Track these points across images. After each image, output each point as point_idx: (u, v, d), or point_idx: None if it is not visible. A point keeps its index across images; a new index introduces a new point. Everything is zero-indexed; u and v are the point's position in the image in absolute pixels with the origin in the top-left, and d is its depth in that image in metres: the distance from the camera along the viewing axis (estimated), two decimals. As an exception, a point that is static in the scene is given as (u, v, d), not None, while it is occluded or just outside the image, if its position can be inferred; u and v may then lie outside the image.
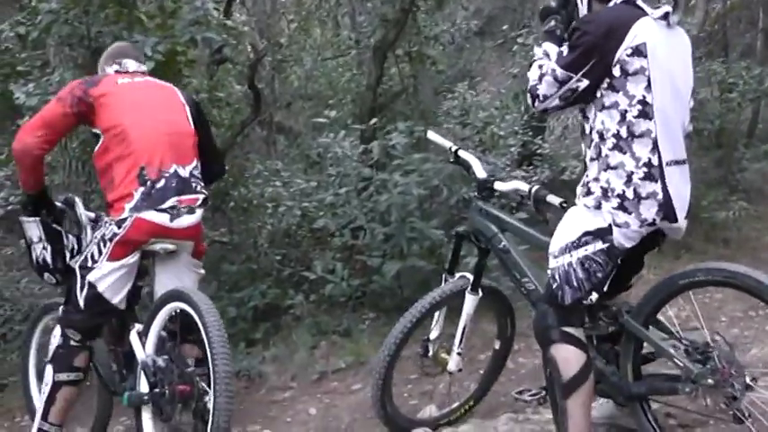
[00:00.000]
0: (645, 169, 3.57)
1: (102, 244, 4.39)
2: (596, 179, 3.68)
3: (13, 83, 6.61)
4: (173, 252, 4.52)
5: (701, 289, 4.06)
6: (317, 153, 8.86)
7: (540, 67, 3.74)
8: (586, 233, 3.69)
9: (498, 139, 9.49)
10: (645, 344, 3.97)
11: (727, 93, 10.94)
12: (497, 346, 5.02)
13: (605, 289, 3.79)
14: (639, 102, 3.56)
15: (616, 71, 3.56)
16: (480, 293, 4.63)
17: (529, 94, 3.79)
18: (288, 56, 13.09)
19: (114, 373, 4.79)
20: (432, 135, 5.09)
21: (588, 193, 3.72)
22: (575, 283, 3.73)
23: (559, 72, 3.63)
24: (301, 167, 9.95)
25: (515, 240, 4.53)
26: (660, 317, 3.98)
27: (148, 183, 4.34)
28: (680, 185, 3.67)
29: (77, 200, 4.88)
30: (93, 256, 4.42)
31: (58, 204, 4.84)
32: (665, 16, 3.62)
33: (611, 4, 3.72)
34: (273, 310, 7.32)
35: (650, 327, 3.91)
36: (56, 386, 4.48)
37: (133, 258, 4.41)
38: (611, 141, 3.62)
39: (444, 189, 7.48)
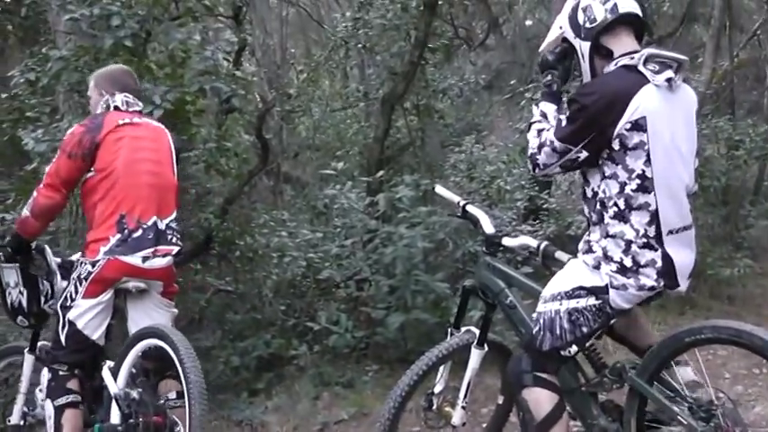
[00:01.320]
0: (644, 239, 3.58)
1: (78, 283, 4.54)
2: (597, 242, 3.69)
3: (21, 129, 6.66)
4: (144, 291, 4.65)
5: (705, 346, 4.05)
6: (324, 204, 8.89)
7: (539, 133, 3.76)
8: (581, 288, 3.71)
9: (505, 193, 9.53)
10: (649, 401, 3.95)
11: (733, 150, 10.95)
12: (501, 400, 4.98)
13: (587, 345, 3.80)
14: (638, 176, 3.55)
15: (615, 144, 3.55)
16: (486, 348, 4.62)
17: (529, 161, 3.82)
18: (296, 106, 13.16)
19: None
20: (440, 189, 5.08)
21: (589, 251, 3.72)
22: (557, 332, 3.75)
23: (558, 144, 3.64)
24: (307, 218, 9.99)
25: (521, 295, 4.53)
26: (664, 374, 3.96)
27: (126, 231, 4.50)
28: (683, 252, 3.67)
29: (47, 247, 4.99)
30: (71, 296, 4.58)
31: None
32: (668, 81, 3.59)
33: (611, 66, 3.70)
34: (277, 360, 7.30)
35: (654, 384, 3.89)
36: (58, 412, 4.54)
37: (107, 296, 4.56)
38: (612, 210, 3.62)
39: (450, 242, 7.48)
